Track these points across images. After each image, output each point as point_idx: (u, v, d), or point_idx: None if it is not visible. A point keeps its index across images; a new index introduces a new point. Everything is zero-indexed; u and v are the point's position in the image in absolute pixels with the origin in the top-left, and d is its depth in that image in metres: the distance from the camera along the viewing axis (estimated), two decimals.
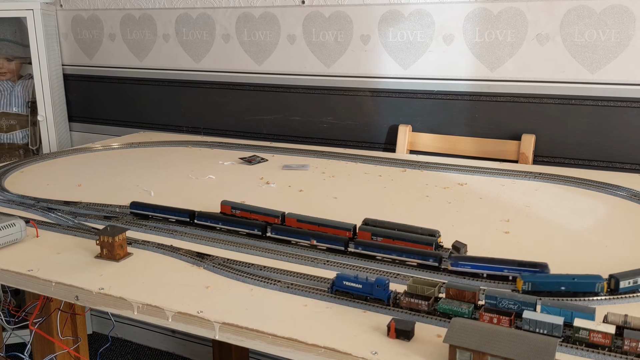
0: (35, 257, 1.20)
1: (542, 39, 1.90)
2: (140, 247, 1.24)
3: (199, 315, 0.96)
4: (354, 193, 1.62)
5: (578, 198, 1.55)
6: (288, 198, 1.58)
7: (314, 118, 2.31)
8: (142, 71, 2.61)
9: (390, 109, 2.17)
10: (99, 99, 2.75)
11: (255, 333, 0.92)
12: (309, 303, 1.00)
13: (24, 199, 1.55)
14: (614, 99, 1.85)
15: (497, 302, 0.91)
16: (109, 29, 2.63)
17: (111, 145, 2.21)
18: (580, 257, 1.18)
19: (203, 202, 1.52)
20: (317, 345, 0.87)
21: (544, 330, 0.85)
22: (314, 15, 2.22)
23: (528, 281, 0.99)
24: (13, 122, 2.68)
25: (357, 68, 2.19)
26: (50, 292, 1.11)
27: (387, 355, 0.84)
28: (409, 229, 1.24)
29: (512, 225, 1.36)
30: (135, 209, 1.41)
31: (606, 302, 0.98)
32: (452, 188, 1.64)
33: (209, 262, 1.15)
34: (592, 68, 1.86)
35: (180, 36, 2.49)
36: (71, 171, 1.88)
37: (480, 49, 1.99)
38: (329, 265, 1.14)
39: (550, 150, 1.96)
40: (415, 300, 0.94)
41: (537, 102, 1.95)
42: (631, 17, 1.78)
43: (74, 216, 1.42)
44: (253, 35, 2.34)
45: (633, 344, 0.81)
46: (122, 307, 1.03)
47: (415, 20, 2.06)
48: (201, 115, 2.53)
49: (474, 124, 2.05)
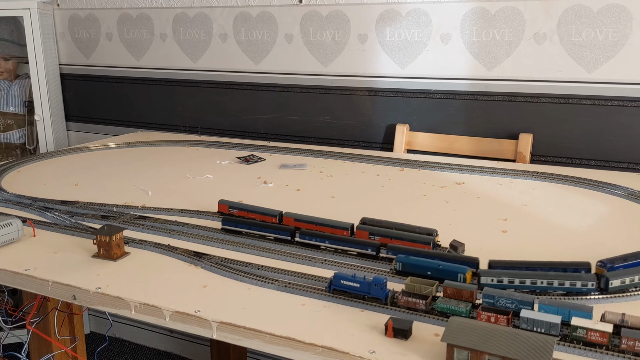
0: (33, 257, 1.20)
1: (539, 38, 1.90)
2: (138, 246, 1.23)
3: (196, 314, 0.96)
4: (352, 192, 1.62)
5: (575, 197, 1.55)
6: (286, 197, 1.58)
7: (312, 117, 2.30)
8: (140, 70, 2.61)
9: (387, 108, 2.17)
10: (96, 98, 2.74)
11: (253, 332, 0.92)
12: (307, 302, 1.00)
13: (21, 199, 1.54)
14: (611, 98, 1.85)
15: (494, 301, 0.91)
16: (106, 28, 2.63)
17: (108, 144, 2.20)
18: (578, 256, 1.18)
19: (201, 202, 1.52)
20: (314, 344, 0.87)
21: (541, 329, 0.85)
22: (311, 15, 2.22)
23: (400, 262, 1.07)
24: (10, 121, 2.68)
25: (354, 67, 2.19)
26: (48, 291, 1.10)
27: (385, 354, 0.84)
28: (407, 227, 1.24)
29: (510, 225, 1.36)
30: (228, 225, 1.30)
31: (603, 301, 0.98)
32: (450, 187, 1.64)
33: (206, 261, 1.14)
34: (590, 67, 1.86)
35: (178, 35, 2.48)
36: (68, 171, 1.88)
37: (477, 48, 1.99)
38: (327, 265, 1.14)
39: (547, 150, 1.96)
40: (413, 299, 0.94)
41: (534, 101, 1.95)
42: (628, 16, 1.78)
43: (71, 215, 1.42)
44: (250, 35, 2.34)
45: (630, 342, 0.81)
46: (120, 306, 1.03)
47: (413, 19, 2.06)
48: (198, 115, 2.53)
49: (472, 123, 2.05)
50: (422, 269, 1.04)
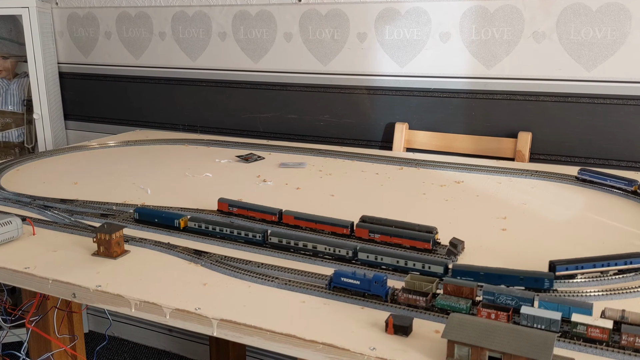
0: (32, 255, 1.20)
1: (538, 36, 1.91)
2: (138, 244, 1.23)
3: (196, 312, 0.96)
4: (351, 191, 1.62)
5: (574, 195, 1.56)
6: (285, 196, 1.58)
7: (311, 116, 2.31)
8: (138, 69, 2.61)
9: (386, 107, 2.17)
10: (94, 97, 2.74)
11: (253, 329, 0.92)
12: (307, 299, 1.00)
13: (20, 197, 1.54)
14: (610, 97, 1.85)
15: (494, 298, 0.91)
16: (105, 26, 2.62)
17: (107, 143, 2.20)
18: (577, 254, 1.18)
19: (200, 200, 1.52)
20: (315, 341, 0.87)
21: (541, 326, 0.85)
22: (311, 13, 2.22)
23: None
24: (8, 120, 2.67)
25: (353, 66, 2.19)
26: (47, 289, 1.10)
27: (385, 351, 0.84)
28: (407, 226, 1.24)
29: (509, 223, 1.36)
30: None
31: (603, 298, 0.98)
32: (449, 186, 1.64)
33: (206, 259, 1.14)
34: (589, 66, 1.86)
35: (177, 34, 2.48)
36: (67, 169, 1.88)
37: (476, 46, 1.99)
38: (327, 262, 1.14)
39: (546, 148, 1.96)
40: (413, 297, 0.94)
41: (533, 99, 1.95)
42: (627, 14, 1.79)
43: (71, 214, 1.42)
44: (249, 33, 2.34)
45: (630, 338, 0.81)
46: (120, 304, 1.03)
47: (412, 18, 2.07)
48: (198, 113, 2.53)
49: (471, 121, 2.05)
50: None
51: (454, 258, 1.14)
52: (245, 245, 1.22)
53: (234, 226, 1.24)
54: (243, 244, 1.22)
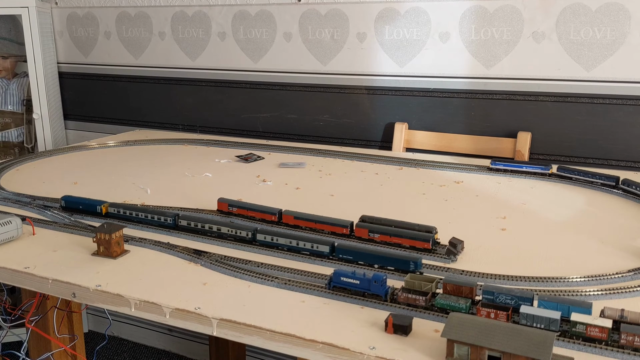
0: (32, 255, 1.20)
1: (538, 36, 1.91)
2: (137, 244, 1.24)
3: (196, 311, 0.96)
4: (351, 191, 1.62)
5: (574, 195, 1.56)
6: (285, 196, 1.58)
7: (311, 116, 2.31)
8: (138, 69, 2.61)
9: (386, 107, 2.18)
10: (94, 97, 2.74)
11: (253, 329, 0.92)
12: (307, 299, 1.00)
13: (19, 197, 1.54)
14: (609, 97, 1.85)
15: (494, 297, 0.91)
16: (105, 26, 2.62)
17: (107, 143, 2.20)
18: (576, 254, 1.19)
19: (200, 200, 1.52)
20: (315, 340, 0.87)
21: (541, 325, 0.85)
22: (310, 13, 2.22)
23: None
24: (8, 120, 2.67)
25: (353, 66, 2.19)
26: (47, 289, 1.10)
27: (385, 350, 0.84)
28: (406, 225, 1.24)
29: (509, 223, 1.36)
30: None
31: (602, 297, 0.98)
32: (449, 186, 1.65)
33: (206, 259, 1.15)
34: (588, 66, 1.86)
35: (176, 34, 2.48)
36: (67, 169, 1.88)
37: (476, 46, 1.99)
38: (326, 262, 1.14)
39: (546, 148, 1.96)
40: (413, 296, 0.94)
41: (533, 99, 1.95)
42: (626, 14, 1.79)
43: (70, 214, 1.42)
44: (249, 33, 2.34)
45: (630, 337, 0.81)
46: (120, 304, 1.03)
47: (411, 18, 2.07)
48: (197, 113, 2.53)
49: (470, 121, 2.06)
50: None
51: (454, 258, 1.14)
52: (246, 245, 1.22)
53: (149, 210, 1.34)
54: (233, 241, 1.22)
